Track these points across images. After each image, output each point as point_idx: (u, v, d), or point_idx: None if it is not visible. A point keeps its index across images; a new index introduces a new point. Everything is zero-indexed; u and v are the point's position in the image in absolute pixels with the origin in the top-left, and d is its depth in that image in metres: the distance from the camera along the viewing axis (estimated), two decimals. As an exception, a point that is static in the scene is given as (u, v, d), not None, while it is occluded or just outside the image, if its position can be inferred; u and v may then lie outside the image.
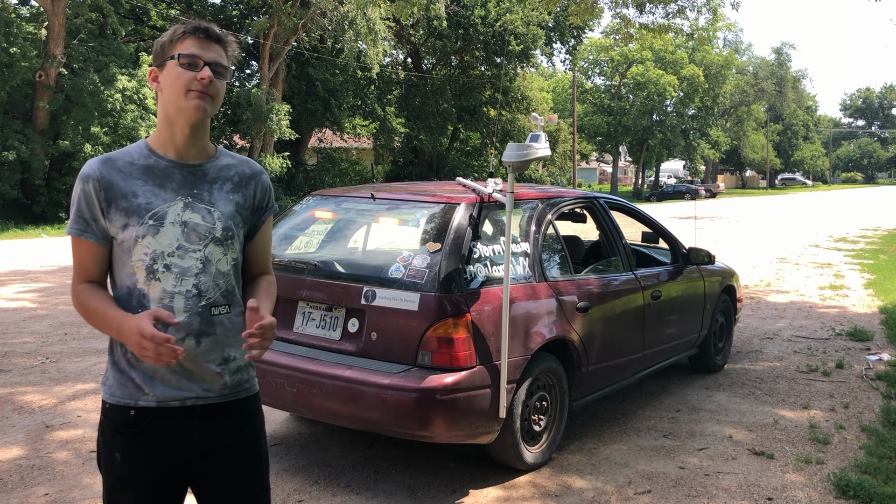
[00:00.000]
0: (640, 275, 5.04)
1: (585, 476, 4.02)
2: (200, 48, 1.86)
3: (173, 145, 1.91)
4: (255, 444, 2.00)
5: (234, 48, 1.95)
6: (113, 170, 1.86)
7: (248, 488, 1.97)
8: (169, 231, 1.85)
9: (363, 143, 36.47)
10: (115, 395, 1.89)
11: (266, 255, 2.08)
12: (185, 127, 1.89)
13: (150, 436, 1.85)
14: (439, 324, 3.59)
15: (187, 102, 1.84)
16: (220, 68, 1.88)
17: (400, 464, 4.13)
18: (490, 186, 4.12)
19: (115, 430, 1.88)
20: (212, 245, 1.89)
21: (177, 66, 1.84)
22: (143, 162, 1.89)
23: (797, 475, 4.06)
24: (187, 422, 1.88)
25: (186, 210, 1.87)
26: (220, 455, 1.92)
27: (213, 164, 1.96)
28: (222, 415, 1.92)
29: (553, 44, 39.47)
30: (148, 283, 1.84)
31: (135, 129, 22.22)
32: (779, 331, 7.78)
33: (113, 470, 1.88)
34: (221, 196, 1.93)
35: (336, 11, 25.52)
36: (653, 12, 12.11)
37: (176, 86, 1.84)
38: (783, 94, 67.54)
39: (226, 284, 1.92)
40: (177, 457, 1.88)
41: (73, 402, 5.19)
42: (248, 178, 2.00)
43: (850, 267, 13.20)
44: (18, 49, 20.53)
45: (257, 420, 2.03)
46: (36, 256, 14.31)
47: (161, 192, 1.87)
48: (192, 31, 1.87)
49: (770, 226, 24.11)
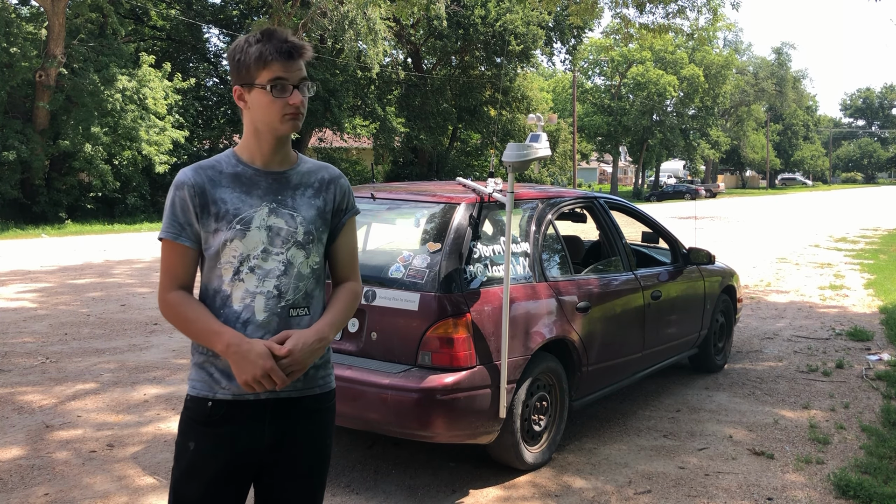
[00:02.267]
0: (640, 275, 5.04)
1: (585, 476, 4.02)
2: (287, 70, 1.91)
3: (260, 155, 1.99)
4: (321, 440, 2.04)
5: (309, 53, 1.98)
6: (205, 177, 1.95)
7: (307, 484, 2.02)
8: (255, 235, 1.93)
9: (363, 143, 36.47)
10: (195, 388, 1.96)
11: (350, 258, 2.10)
12: (271, 141, 1.97)
13: (223, 427, 1.92)
14: (439, 324, 3.59)
15: (283, 125, 1.93)
16: (307, 83, 1.96)
17: (400, 464, 4.13)
18: (490, 186, 4.12)
19: (192, 421, 1.95)
20: (294, 248, 1.96)
21: (267, 93, 1.90)
22: (230, 170, 1.97)
23: (797, 475, 4.06)
24: (260, 415, 1.94)
25: (271, 215, 1.95)
26: (286, 448, 1.97)
27: (295, 170, 2.03)
28: (294, 409, 1.97)
29: (553, 44, 39.48)
30: (233, 284, 1.93)
31: (135, 129, 22.21)
32: (779, 331, 7.78)
33: (185, 458, 1.96)
34: (304, 201, 2.00)
35: (336, 11, 25.53)
36: (653, 12, 12.12)
37: (270, 112, 1.92)
38: (783, 94, 67.57)
39: (305, 287, 1.97)
40: (246, 449, 1.94)
41: (73, 402, 5.19)
42: (327, 182, 2.06)
43: (850, 267, 13.20)
44: (18, 49, 20.52)
45: (327, 417, 2.06)
46: (36, 256, 14.31)
47: (248, 198, 1.95)
48: (277, 55, 1.89)
49: (770, 226, 24.12)
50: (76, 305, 8.92)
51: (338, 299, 2.05)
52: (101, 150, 21.58)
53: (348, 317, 2.04)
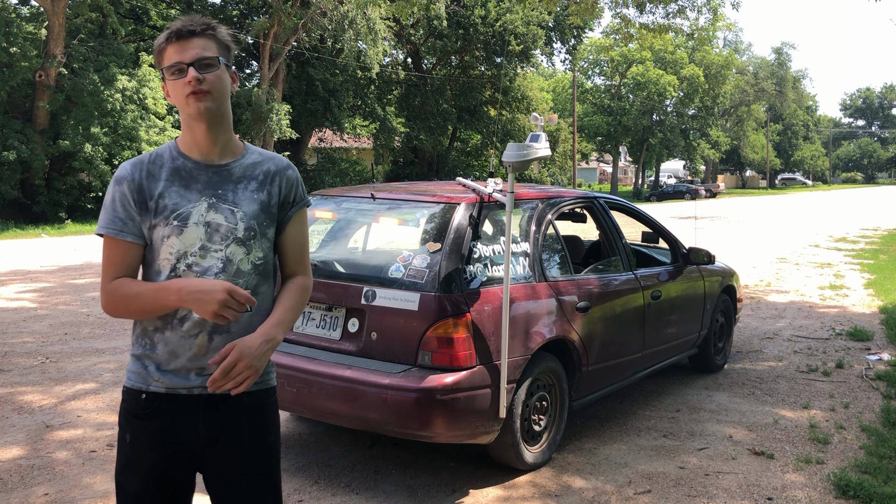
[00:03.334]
0: (640, 275, 5.04)
1: (585, 476, 4.02)
2: (179, 52, 1.88)
3: (196, 146, 1.95)
4: (263, 437, 2.01)
5: (220, 32, 1.94)
6: (144, 172, 1.93)
7: (253, 482, 1.99)
8: (192, 231, 1.90)
9: (363, 143, 36.47)
10: (130, 380, 1.96)
11: (298, 252, 2.05)
12: (201, 128, 1.93)
13: (157, 420, 1.92)
14: (439, 324, 3.59)
15: (190, 108, 1.89)
16: (206, 60, 1.89)
17: (400, 464, 4.13)
18: (490, 186, 4.12)
19: (128, 413, 1.96)
20: (234, 245, 1.93)
21: (169, 79, 1.90)
22: (170, 164, 1.95)
23: (797, 475, 4.06)
24: (193, 409, 1.92)
25: (210, 210, 1.92)
26: (224, 445, 1.95)
27: (238, 163, 1.99)
28: (229, 406, 1.94)
29: (553, 44, 39.48)
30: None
31: (135, 129, 22.22)
32: (779, 331, 7.78)
33: (123, 452, 1.96)
34: (246, 196, 1.96)
35: (336, 11, 25.53)
36: (653, 12, 12.12)
37: (177, 96, 1.90)
38: (783, 94, 67.52)
39: (246, 283, 1.94)
40: (181, 442, 1.92)
41: (73, 402, 5.19)
42: (273, 174, 2.01)
43: (850, 267, 13.20)
44: (18, 49, 20.53)
45: (267, 414, 2.03)
46: (36, 256, 14.31)
47: (187, 192, 1.92)
48: (167, 39, 1.90)
49: (770, 226, 24.11)
50: (76, 305, 8.92)
51: (285, 296, 2.00)
52: (101, 150, 21.58)
53: (297, 313, 2.01)
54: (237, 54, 32.16)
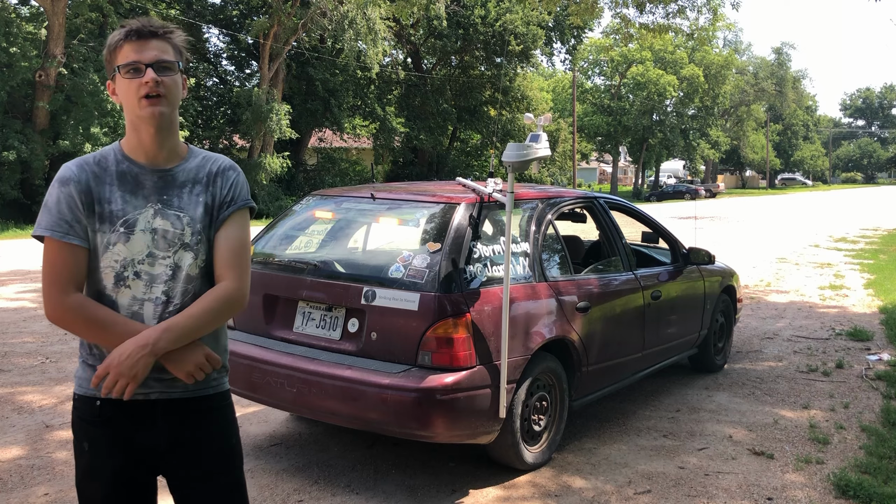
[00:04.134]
0: (640, 275, 5.04)
1: (585, 476, 4.02)
2: (137, 51, 1.83)
3: (142, 150, 1.90)
4: (222, 440, 2.00)
5: (177, 36, 1.91)
6: (90, 174, 1.87)
7: (216, 484, 1.97)
8: (139, 239, 1.86)
9: (363, 143, 36.46)
10: (82, 387, 1.92)
11: (228, 255, 1.91)
12: (149, 132, 1.88)
13: (114, 426, 1.89)
14: (439, 324, 3.59)
15: (142, 111, 1.84)
16: (165, 64, 1.85)
17: (400, 464, 4.13)
18: (490, 186, 4.12)
19: (83, 421, 1.93)
20: (181, 251, 1.89)
21: (122, 77, 1.84)
22: (115, 168, 1.89)
23: (797, 475, 4.06)
24: (150, 415, 1.90)
25: (157, 217, 1.88)
26: (184, 450, 1.94)
27: (182, 167, 1.94)
28: (186, 411, 1.93)
29: (553, 44, 39.51)
30: (117, 290, 1.86)
31: (135, 129, 22.20)
32: (779, 331, 7.78)
33: (82, 460, 1.94)
34: (191, 200, 1.92)
35: (336, 11, 25.53)
36: (653, 12, 12.13)
37: (128, 96, 1.84)
38: (783, 94, 67.57)
39: (194, 289, 1.91)
40: (141, 448, 1.90)
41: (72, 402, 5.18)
42: (214, 175, 1.96)
43: (850, 267, 13.20)
44: (18, 49, 20.52)
45: (225, 416, 2.02)
46: (36, 256, 14.29)
47: (133, 198, 1.87)
48: (125, 36, 1.84)
49: (770, 226, 24.12)
50: (76, 305, 8.91)
51: (197, 301, 1.88)
52: (101, 151, 21.57)
53: (201, 321, 1.85)
54: (237, 54, 32.26)
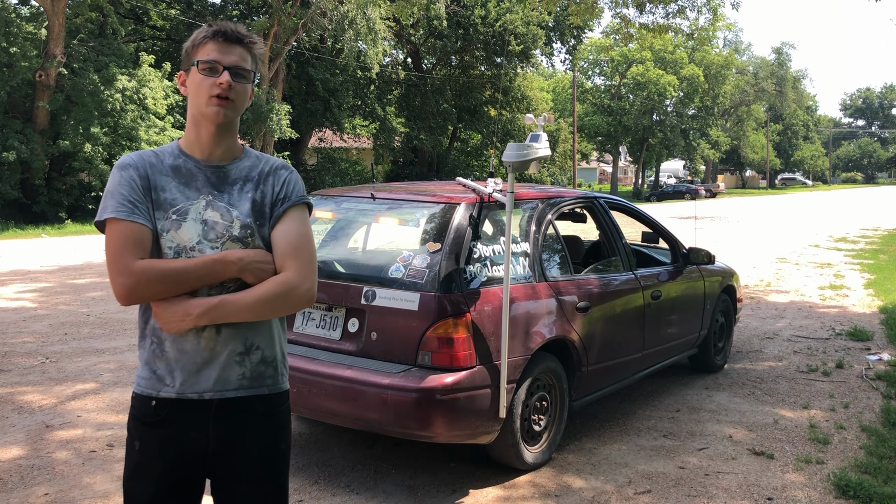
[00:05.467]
0: (640, 275, 5.04)
1: (585, 476, 4.02)
2: (220, 52, 1.90)
3: (199, 146, 1.97)
4: (272, 445, 1.99)
5: (258, 48, 1.98)
6: (148, 163, 1.94)
7: (260, 490, 1.97)
8: (191, 227, 1.91)
9: (363, 143, 36.47)
10: (140, 386, 1.94)
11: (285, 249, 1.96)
12: (209, 130, 1.95)
13: (167, 427, 1.90)
14: (439, 324, 3.59)
15: (208, 108, 1.90)
16: (241, 71, 1.92)
17: (400, 464, 4.13)
18: (490, 186, 4.12)
19: (137, 420, 1.94)
20: (229, 242, 1.94)
21: (198, 72, 1.90)
22: (171, 161, 1.96)
23: (797, 475, 4.06)
24: (203, 415, 1.91)
25: (208, 209, 1.94)
26: (234, 452, 1.94)
27: (236, 165, 2.01)
28: (239, 411, 1.93)
29: (553, 44, 39.49)
30: None
31: (135, 129, 22.20)
32: (779, 331, 7.78)
33: (131, 458, 1.94)
34: (241, 196, 1.98)
35: (336, 11, 25.53)
36: (653, 12, 12.14)
37: (199, 92, 1.91)
38: (783, 94, 67.57)
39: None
40: (191, 449, 1.91)
41: (73, 402, 5.19)
42: (266, 174, 2.02)
43: (850, 267, 13.20)
44: (18, 49, 20.53)
45: (279, 421, 2.01)
46: (36, 256, 14.31)
47: (186, 189, 1.94)
48: (212, 35, 1.91)
49: (770, 226, 24.12)
50: (76, 305, 8.91)
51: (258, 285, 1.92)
52: (101, 150, 21.57)
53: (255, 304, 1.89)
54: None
